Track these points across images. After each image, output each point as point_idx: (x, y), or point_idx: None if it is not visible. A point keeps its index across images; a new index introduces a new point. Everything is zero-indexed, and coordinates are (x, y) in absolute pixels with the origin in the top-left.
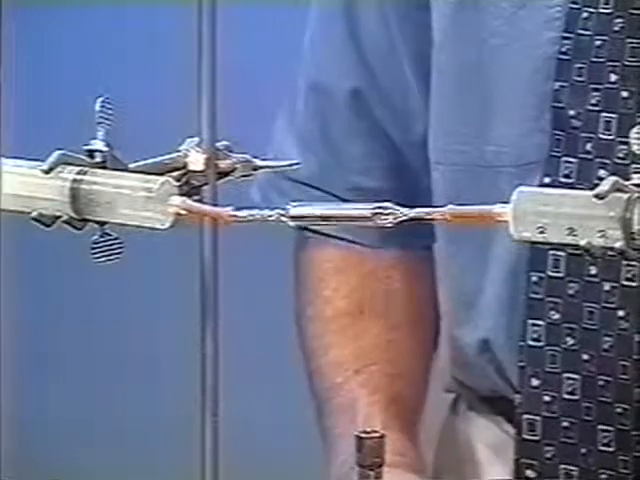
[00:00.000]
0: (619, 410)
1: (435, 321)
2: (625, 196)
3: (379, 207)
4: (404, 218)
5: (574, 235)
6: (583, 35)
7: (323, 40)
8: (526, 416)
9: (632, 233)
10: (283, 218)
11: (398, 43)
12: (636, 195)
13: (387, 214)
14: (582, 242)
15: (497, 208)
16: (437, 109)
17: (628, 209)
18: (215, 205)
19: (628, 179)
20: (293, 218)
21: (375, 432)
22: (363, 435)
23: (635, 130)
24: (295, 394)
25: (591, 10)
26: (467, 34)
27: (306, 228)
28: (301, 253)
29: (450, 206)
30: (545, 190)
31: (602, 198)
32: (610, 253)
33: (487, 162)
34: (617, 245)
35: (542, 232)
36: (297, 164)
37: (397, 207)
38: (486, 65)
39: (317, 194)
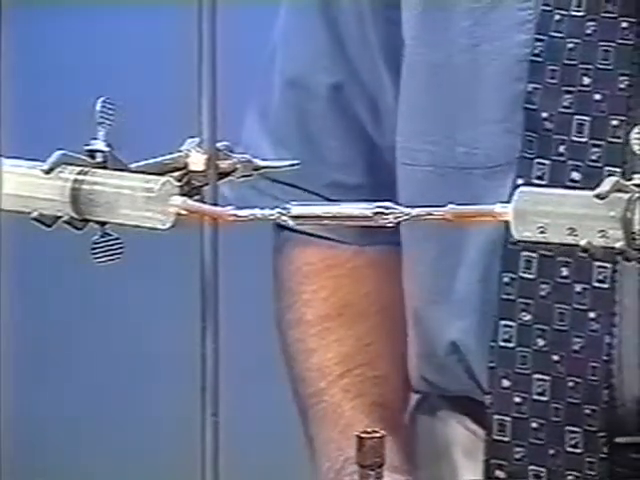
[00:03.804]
0: (587, 411)
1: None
2: (626, 196)
3: (380, 206)
4: (405, 217)
5: (575, 235)
6: (555, 37)
7: (301, 36)
8: (496, 417)
9: (633, 233)
10: (284, 217)
11: (372, 40)
12: (637, 195)
13: (388, 213)
14: (582, 242)
15: (498, 208)
16: (406, 109)
17: (629, 209)
18: (215, 205)
19: (629, 179)
20: (294, 217)
21: (376, 432)
22: (363, 435)
23: (636, 130)
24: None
25: (563, 13)
26: (436, 34)
27: (286, 227)
28: (279, 255)
29: (450, 206)
30: (546, 190)
31: (603, 198)
32: (580, 254)
33: (457, 163)
34: (617, 245)
35: (542, 232)
36: (298, 164)
37: (397, 206)
38: (455, 65)
39: (295, 192)
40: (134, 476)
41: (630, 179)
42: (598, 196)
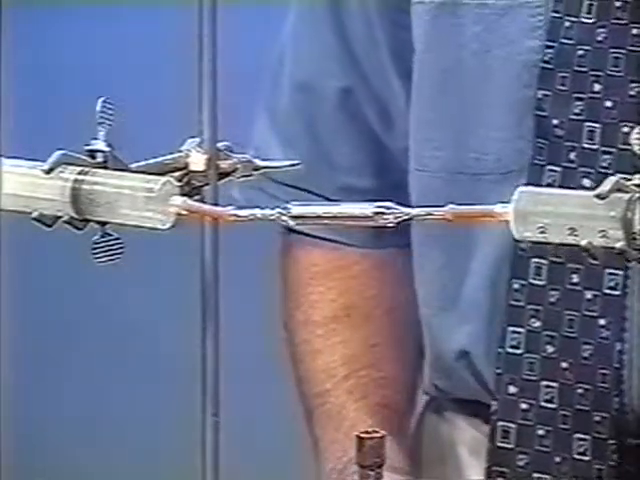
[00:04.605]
0: (597, 419)
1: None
2: (626, 196)
3: (380, 206)
4: (405, 217)
5: (575, 235)
6: (566, 44)
7: (310, 40)
8: (501, 423)
9: (633, 233)
10: (284, 217)
11: (381, 43)
12: (637, 195)
13: (388, 213)
14: (583, 242)
15: (498, 208)
16: (417, 114)
17: (629, 209)
18: (216, 205)
19: (630, 179)
20: (294, 217)
21: (376, 432)
22: (363, 435)
23: (636, 131)
24: (295, 394)
25: (573, 19)
26: (447, 39)
27: (294, 230)
28: (287, 256)
29: (451, 206)
30: (546, 190)
31: (603, 198)
32: (592, 262)
33: (468, 169)
34: (618, 245)
35: (543, 232)
36: (299, 164)
37: (398, 206)
38: (466, 71)
39: (304, 195)
40: (134, 476)
41: (630, 179)
42: (598, 196)
